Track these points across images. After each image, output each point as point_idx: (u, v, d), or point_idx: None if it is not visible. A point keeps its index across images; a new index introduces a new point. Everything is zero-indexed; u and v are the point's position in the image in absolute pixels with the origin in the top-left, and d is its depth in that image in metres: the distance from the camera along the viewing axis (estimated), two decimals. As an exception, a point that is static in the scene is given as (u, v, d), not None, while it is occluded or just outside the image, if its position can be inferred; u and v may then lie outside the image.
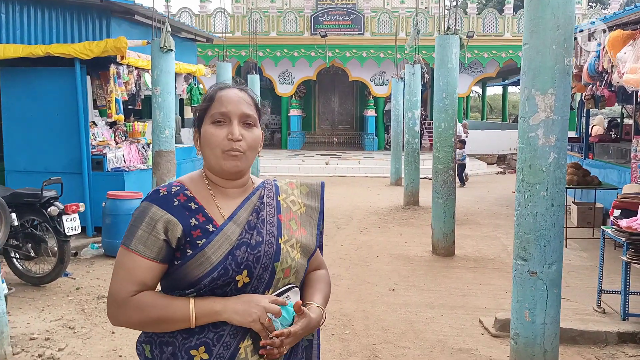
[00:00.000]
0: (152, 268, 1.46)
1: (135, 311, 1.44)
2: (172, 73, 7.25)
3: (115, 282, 1.47)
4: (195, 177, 1.59)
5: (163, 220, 1.46)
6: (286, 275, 1.56)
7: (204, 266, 1.45)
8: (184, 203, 1.50)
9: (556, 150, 3.50)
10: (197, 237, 1.47)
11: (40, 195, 5.67)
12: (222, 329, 1.46)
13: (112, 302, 1.47)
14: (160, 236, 1.45)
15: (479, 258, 7.11)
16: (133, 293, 1.45)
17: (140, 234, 1.45)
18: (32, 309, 5.17)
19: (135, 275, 1.45)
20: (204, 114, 1.56)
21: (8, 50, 7.46)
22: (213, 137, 1.52)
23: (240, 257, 1.48)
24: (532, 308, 3.59)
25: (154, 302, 1.45)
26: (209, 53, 18.13)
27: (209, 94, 1.58)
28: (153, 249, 1.45)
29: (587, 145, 10.54)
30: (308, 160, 17.23)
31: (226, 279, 1.46)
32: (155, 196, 1.50)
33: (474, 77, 20.36)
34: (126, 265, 1.46)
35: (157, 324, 1.45)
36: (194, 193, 1.53)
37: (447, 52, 6.94)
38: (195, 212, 1.50)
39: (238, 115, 1.53)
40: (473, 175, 16.73)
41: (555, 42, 3.43)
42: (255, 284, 1.50)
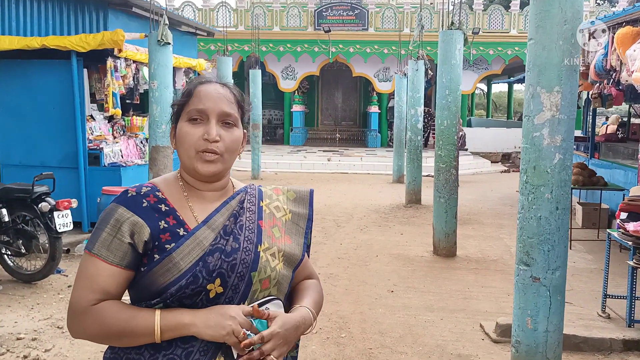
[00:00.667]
0: (116, 274, 1.33)
1: (95, 322, 1.31)
2: (169, 67, 7.10)
3: (76, 290, 1.35)
4: (170, 178, 1.48)
5: (129, 223, 1.34)
6: (265, 286, 1.42)
7: (172, 273, 1.33)
8: (153, 205, 1.38)
9: (562, 151, 3.34)
10: (166, 241, 1.35)
11: (31, 191, 5.55)
12: (192, 345, 1.34)
13: (72, 312, 1.34)
14: (125, 239, 1.33)
15: (481, 259, 6.96)
16: (94, 302, 1.32)
17: (104, 237, 1.34)
18: (21, 308, 5.05)
19: (97, 282, 1.32)
20: (181, 109, 1.43)
21: (3, 42, 7.34)
22: (188, 136, 1.39)
23: (213, 264, 1.35)
24: (535, 315, 3.44)
25: (115, 312, 1.32)
26: (212, 47, 17.97)
27: (188, 89, 1.45)
28: (117, 254, 1.33)
29: (593, 145, 10.36)
30: (310, 157, 17.08)
31: (196, 288, 1.32)
32: (123, 197, 1.38)
33: (479, 74, 20.16)
34: (88, 271, 1.34)
35: (118, 338, 1.33)
36: (167, 195, 1.42)
37: (451, 48, 6.77)
38: (165, 214, 1.38)
39: (217, 114, 1.40)
40: (477, 173, 16.57)
41: (562, 37, 3.27)
42: (230, 294, 1.37)
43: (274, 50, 18.76)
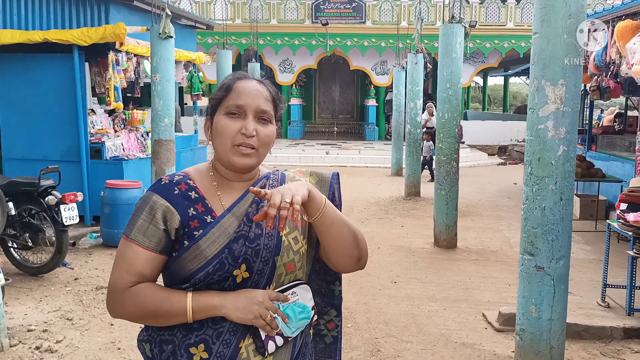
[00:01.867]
0: (151, 259, 1.42)
1: (133, 302, 1.40)
2: (171, 60, 7.13)
3: (115, 273, 1.43)
4: (202, 168, 1.54)
5: (162, 209, 1.42)
6: (290, 270, 1.48)
7: (199, 260, 1.40)
8: (184, 192, 1.45)
9: (566, 143, 3.41)
10: (195, 228, 1.42)
11: (37, 184, 5.59)
12: (222, 325, 1.41)
13: (111, 293, 1.43)
14: (160, 226, 1.41)
15: (481, 250, 7.05)
16: (132, 284, 1.41)
17: (141, 224, 1.42)
18: (30, 300, 5.10)
19: (134, 265, 1.41)
20: (218, 103, 1.49)
21: (5, 36, 7.34)
22: (226, 129, 1.44)
23: (238, 250, 1.41)
24: (539, 304, 3.52)
25: (151, 293, 1.40)
26: (209, 40, 17.95)
27: (227, 83, 1.50)
28: (153, 239, 1.41)
29: (591, 137, 10.45)
30: (308, 150, 17.13)
31: (222, 274, 1.39)
32: (157, 185, 1.46)
33: (476, 67, 20.20)
34: (126, 256, 1.42)
35: (154, 318, 1.41)
36: (197, 183, 1.48)
37: (452, 42, 6.82)
38: (194, 201, 1.45)
39: (254, 110, 1.46)
40: (474, 166, 16.65)
41: (567, 31, 3.33)
42: (256, 279, 1.43)
43: (272, 44, 18.75)
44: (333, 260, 1.51)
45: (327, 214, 1.43)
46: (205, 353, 1.40)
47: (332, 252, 1.48)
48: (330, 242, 1.46)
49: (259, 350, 1.41)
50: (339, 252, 1.48)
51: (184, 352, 1.40)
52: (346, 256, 1.49)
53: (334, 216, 1.45)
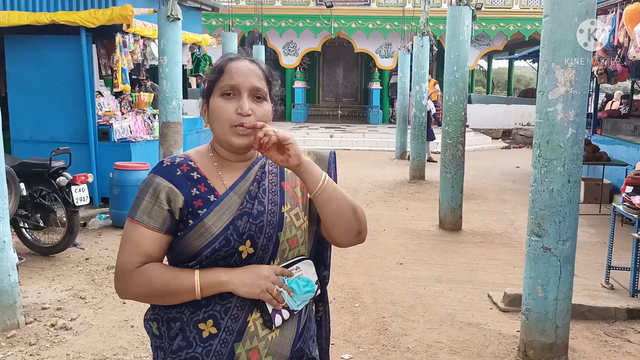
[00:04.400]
0: (157, 239, 1.45)
1: (141, 282, 1.43)
2: (179, 42, 7.14)
3: (122, 254, 1.46)
4: (202, 150, 1.57)
5: (166, 190, 1.45)
6: (293, 245, 1.52)
7: (205, 237, 1.43)
8: (186, 173, 1.49)
9: (574, 126, 3.45)
10: (199, 207, 1.45)
11: (48, 166, 5.65)
12: (229, 301, 1.44)
13: (119, 274, 1.46)
14: (165, 206, 1.44)
15: (486, 233, 7.11)
16: (139, 265, 1.44)
17: (145, 205, 1.44)
18: (43, 279, 5.19)
19: (141, 246, 1.44)
20: (213, 85, 1.51)
21: (12, 17, 7.36)
22: (221, 111, 1.47)
23: (242, 227, 1.44)
24: (545, 284, 3.59)
25: (159, 273, 1.43)
26: (213, 23, 17.89)
27: (219, 65, 1.52)
28: (157, 220, 1.44)
29: (596, 121, 10.46)
30: (312, 133, 17.15)
31: (228, 250, 1.43)
32: (159, 167, 1.49)
33: (481, 50, 20.14)
34: (132, 237, 1.45)
35: (163, 296, 1.44)
36: (198, 164, 1.52)
37: (459, 24, 6.82)
38: (197, 181, 1.48)
39: (248, 89, 1.47)
40: (478, 150, 16.67)
41: (577, 14, 3.35)
42: (260, 254, 1.47)
43: (276, 26, 18.68)
44: (334, 234, 1.54)
45: (327, 189, 1.47)
46: (214, 328, 1.43)
47: (333, 226, 1.52)
48: (331, 216, 1.49)
49: (266, 323, 1.46)
50: (339, 225, 1.51)
51: (193, 328, 1.44)
52: (346, 230, 1.52)
53: (333, 191, 1.48)
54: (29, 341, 3.91)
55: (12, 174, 5.17)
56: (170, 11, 6.89)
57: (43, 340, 3.94)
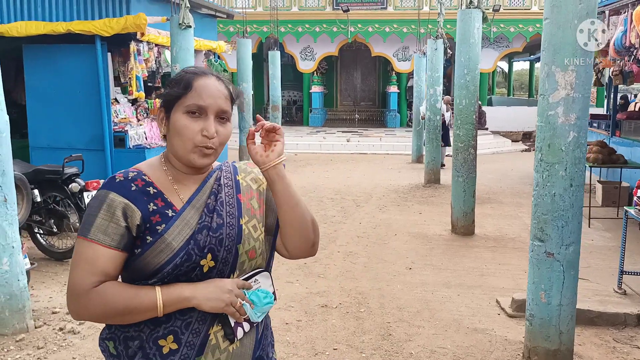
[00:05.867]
0: (114, 257, 1.40)
1: (99, 303, 1.37)
2: (191, 50, 7.23)
3: (76, 274, 1.39)
4: (154, 163, 1.53)
5: (122, 206, 1.40)
6: (252, 257, 1.52)
7: (165, 253, 1.40)
8: (141, 188, 1.44)
9: (576, 129, 3.41)
10: (157, 222, 1.42)
11: (61, 172, 5.76)
12: (190, 316, 1.43)
13: (73, 295, 1.39)
14: (122, 223, 1.39)
15: (499, 237, 7.04)
16: (95, 284, 1.38)
17: (100, 222, 1.39)
18: (55, 284, 5.29)
19: (97, 265, 1.38)
20: (176, 100, 1.46)
21: (30, 27, 7.52)
22: (186, 130, 1.43)
23: (203, 240, 1.43)
24: (548, 289, 3.54)
25: (118, 292, 1.38)
26: (231, 29, 18.05)
27: (186, 80, 1.46)
28: (114, 237, 1.39)
29: (615, 123, 10.28)
30: (329, 138, 17.17)
31: (190, 265, 1.41)
32: (111, 183, 1.43)
33: (500, 52, 19.95)
34: (86, 256, 1.38)
35: (122, 315, 1.39)
36: (152, 178, 1.48)
37: (469, 27, 6.78)
38: (153, 196, 1.45)
39: (215, 111, 1.45)
40: (497, 153, 16.51)
41: (577, 16, 3.31)
42: (221, 267, 1.46)
43: (293, 31, 18.78)
44: (290, 243, 1.57)
45: (293, 193, 1.52)
46: (175, 344, 1.42)
47: (292, 234, 1.55)
48: (293, 223, 1.53)
49: (228, 337, 1.46)
50: (298, 234, 1.55)
51: (153, 345, 1.42)
52: (304, 239, 1.56)
53: (298, 197, 1.52)
54: (37, 345, 3.98)
55: (24, 181, 5.29)
56: (182, 19, 6.99)
57: (51, 344, 4.01)
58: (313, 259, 6.04)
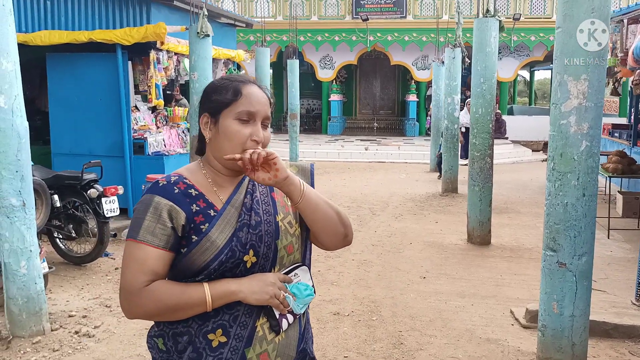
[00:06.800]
0: (163, 257, 1.48)
1: (151, 300, 1.46)
2: (209, 59, 7.32)
3: (127, 275, 1.47)
4: (193, 168, 1.62)
5: (167, 208, 1.48)
6: (290, 252, 1.60)
7: (211, 250, 1.48)
8: (184, 190, 1.53)
9: (589, 139, 3.39)
10: (200, 222, 1.50)
11: (80, 178, 5.87)
12: (237, 310, 1.51)
13: (126, 294, 1.48)
14: (168, 224, 1.47)
15: (515, 247, 6.98)
16: (147, 283, 1.46)
17: (147, 225, 1.47)
18: (72, 287, 5.38)
19: (147, 265, 1.46)
20: (225, 106, 1.54)
21: (53, 36, 7.69)
22: (238, 135, 1.52)
23: (244, 237, 1.51)
24: (561, 300, 3.51)
25: (168, 289, 1.47)
26: (251, 38, 18.21)
27: (234, 88, 1.55)
28: (162, 238, 1.47)
29: (636, 133, 10.14)
30: (347, 146, 17.19)
31: (234, 261, 1.50)
32: (155, 187, 1.52)
33: (520, 61, 19.82)
34: (137, 257, 1.47)
35: (174, 312, 1.47)
36: (193, 181, 1.56)
37: (486, 36, 6.77)
38: (195, 198, 1.53)
39: (262, 117, 1.55)
40: (517, 162, 16.36)
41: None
42: (262, 262, 1.54)
43: (312, 40, 18.88)
44: (322, 239, 1.64)
45: (310, 198, 1.57)
46: (224, 337, 1.50)
47: (321, 232, 1.62)
48: (319, 223, 1.60)
49: (274, 328, 1.54)
50: (327, 231, 1.62)
51: (202, 339, 1.49)
52: (333, 234, 1.63)
53: (318, 199, 1.59)
54: (52, 347, 4.06)
55: (43, 186, 5.40)
56: (201, 28, 7.09)
57: (66, 347, 4.08)
58: (327, 267, 6.06)
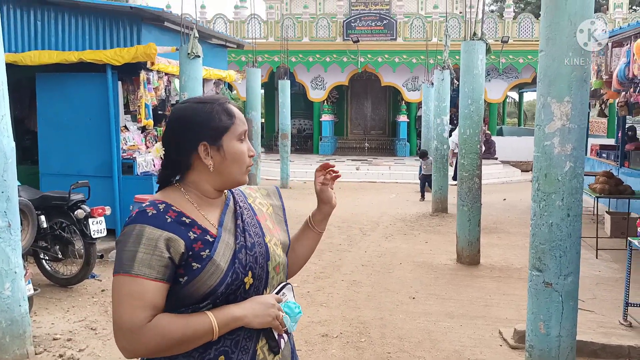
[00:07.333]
0: (161, 289, 1.42)
1: (155, 337, 1.39)
2: (199, 79, 7.36)
3: (125, 312, 1.39)
4: (173, 194, 1.56)
5: (163, 238, 1.42)
6: (277, 272, 1.62)
7: (216, 275, 1.45)
8: (176, 218, 1.48)
9: (572, 159, 3.42)
10: (200, 249, 1.47)
11: (68, 199, 5.84)
12: (237, 335, 1.49)
13: (126, 333, 1.39)
14: (165, 254, 1.42)
15: (504, 267, 6.99)
16: (148, 319, 1.39)
17: (142, 257, 1.40)
18: (58, 310, 5.31)
19: (146, 300, 1.40)
20: (226, 130, 1.54)
21: (43, 56, 7.71)
22: (243, 155, 1.56)
23: (244, 259, 1.52)
24: (547, 320, 3.51)
25: (172, 323, 1.41)
26: (243, 58, 18.31)
27: (225, 110, 1.56)
28: (159, 269, 1.41)
29: (623, 154, 10.24)
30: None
31: (238, 283, 1.49)
32: (144, 217, 1.45)
33: (509, 83, 20.04)
34: (133, 292, 1.39)
35: (179, 345, 1.42)
36: (180, 208, 1.51)
37: (473, 58, 6.85)
38: (190, 225, 1.49)
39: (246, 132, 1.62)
40: (506, 182, 16.45)
41: (572, 49, 3.36)
42: (257, 284, 1.55)
43: (304, 61, 19.02)
44: (299, 264, 1.82)
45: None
46: None
47: (304, 259, 1.82)
48: (311, 252, 1.82)
49: (273, 349, 1.54)
50: (308, 257, 1.83)
51: None
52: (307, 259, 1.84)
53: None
54: (36, 371, 4.00)
55: (30, 207, 5.36)
56: (191, 49, 7.14)
57: (49, 370, 4.03)
58: (316, 288, 6.03)
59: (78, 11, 8.01)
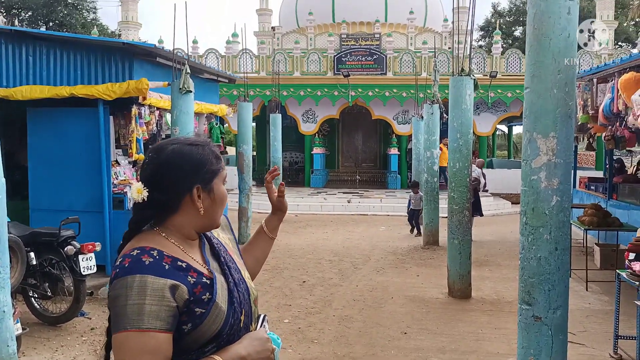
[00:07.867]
0: (170, 340, 1.40)
1: None
2: (190, 114, 7.42)
3: None
4: (157, 238, 1.51)
5: (168, 287, 1.39)
6: (256, 305, 1.66)
7: (220, 317, 1.46)
8: (172, 264, 1.45)
9: (559, 194, 3.47)
10: (200, 293, 1.45)
11: (57, 235, 5.80)
12: None
13: None
14: (172, 303, 1.39)
15: (496, 301, 6.98)
16: None
17: (150, 309, 1.35)
18: (46, 350, 5.23)
19: (160, 353, 1.36)
20: (216, 174, 1.57)
21: (34, 91, 7.75)
22: (226, 198, 1.62)
23: (237, 297, 1.54)
24: (537, 354, 3.50)
25: None
26: (234, 92, 18.46)
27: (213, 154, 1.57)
28: (168, 320, 1.38)
29: (611, 186, 10.35)
30: (330, 199, 17.25)
31: (238, 322, 1.52)
32: (141, 266, 1.40)
33: (498, 116, 20.29)
34: (147, 348, 1.34)
35: None
36: (171, 253, 1.48)
37: (461, 93, 6.97)
38: (186, 270, 1.47)
39: None
40: (496, 214, 16.52)
41: (556, 86, 3.44)
42: (246, 320, 1.57)
43: (295, 95, 19.22)
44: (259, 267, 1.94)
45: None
46: None
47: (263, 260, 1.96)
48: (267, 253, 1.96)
49: None
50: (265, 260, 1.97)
51: None
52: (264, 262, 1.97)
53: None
54: (21, 411, 3.92)
55: (19, 244, 5.33)
56: (183, 84, 7.22)
57: (35, 410, 3.95)
58: (307, 324, 5.99)
59: (70, 46, 8.07)
